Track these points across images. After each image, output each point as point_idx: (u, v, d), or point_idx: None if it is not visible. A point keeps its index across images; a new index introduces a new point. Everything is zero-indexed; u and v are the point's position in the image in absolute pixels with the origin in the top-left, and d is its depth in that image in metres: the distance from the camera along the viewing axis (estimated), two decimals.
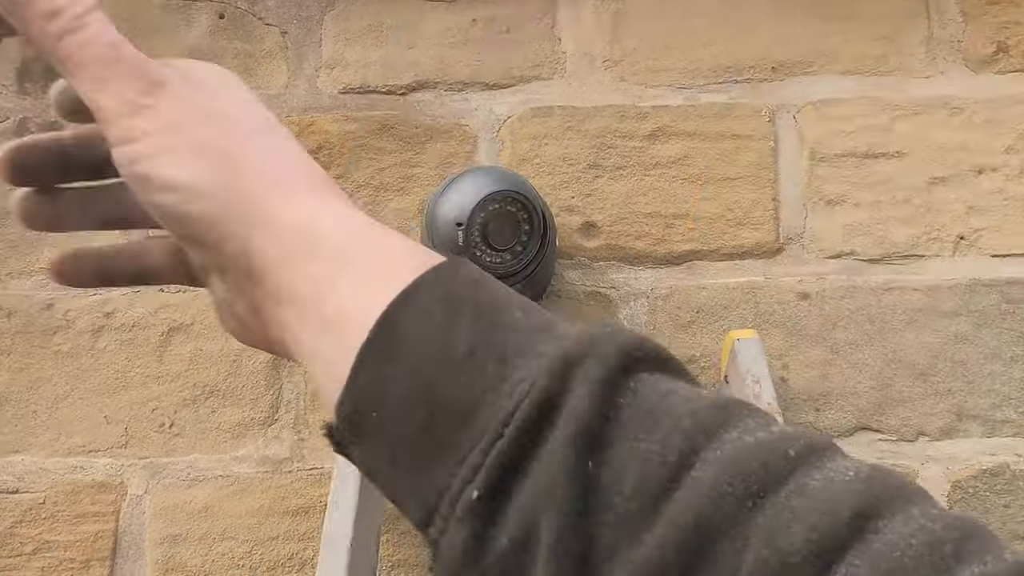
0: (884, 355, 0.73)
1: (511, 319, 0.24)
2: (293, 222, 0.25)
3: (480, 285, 0.25)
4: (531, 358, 0.23)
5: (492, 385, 0.23)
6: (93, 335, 0.75)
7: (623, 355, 0.23)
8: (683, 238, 0.76)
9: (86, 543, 0.71)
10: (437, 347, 0.23)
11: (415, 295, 0.24)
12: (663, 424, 0.22)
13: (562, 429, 0.21)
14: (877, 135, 0.78)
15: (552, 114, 0.79)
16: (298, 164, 0.27)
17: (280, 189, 0.26)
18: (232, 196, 0.26)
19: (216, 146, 0.26)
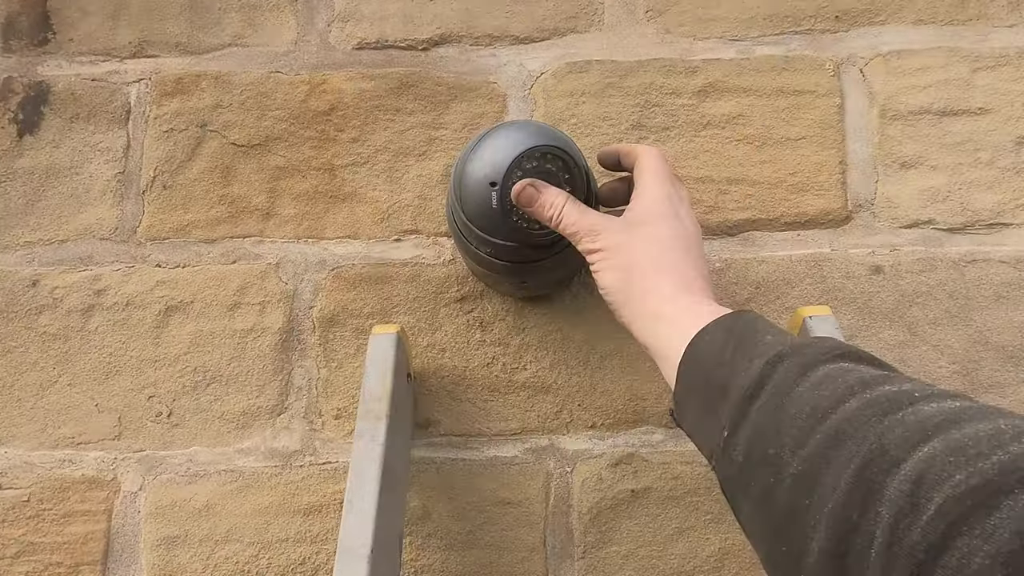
0: (968, 336, 0.64)
1: (760, 339, 0.40)
2: (652, 313, 0.47)
3: (748, 324, 0.42)
4: (762, 358, 0.38)
5: (740, 373, 0.39)
6: (83, 315, 0.68)
7: (820, 353, 0.37)
8: (739, 206, 0.68)
9: (75, 545, 0.64)
10: (715, 356, 0.41)
11: (706, 331, 0.43)
12: (839, 382, 0.34)
13: (767, 393, 0.37)
14: (956, 90, 0.69)
15: (590, 69, 0.71)
16: (673, 276, 0.48)
17: (649, 294, 0.48)
18: (623, 298, 0.49)
19: (623, 267, 0.49)
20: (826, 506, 0.31)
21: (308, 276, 0.68)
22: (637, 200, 0.52)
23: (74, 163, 0.71)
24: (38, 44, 0.74)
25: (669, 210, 0.51)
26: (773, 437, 0.34)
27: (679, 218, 0.51)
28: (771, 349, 0.38)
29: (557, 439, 0.64)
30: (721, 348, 0.41)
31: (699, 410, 0.41)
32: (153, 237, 0.69)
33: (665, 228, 0.50)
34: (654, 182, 0.52)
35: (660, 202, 0.51)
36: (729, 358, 0.40)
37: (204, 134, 0.71)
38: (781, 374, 0.36)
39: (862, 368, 0.35)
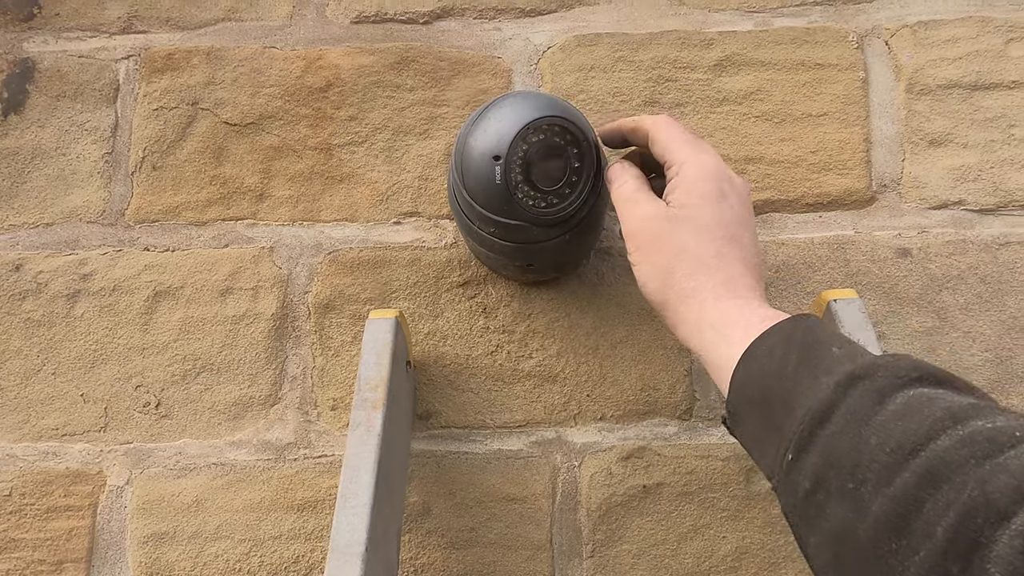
0: (1002, 322, 0.61)
1: (826, 351, 0.36)
2: (695, 318, 0.43)
3: (810, 331, 0.38)
4: (832, 375, 0.34)
5: (805, 390, 0.35)
6: (68, 300, 0.65)
7: (896, 376, 0.33)
8: (757, 186, 0.64)
9: (58, 542, 0.61)
10: (775, 368, 0.37)
11: (764, 338, 0.39)
12: (924, 412, 0.31)
13: (840, 418, 0.33)
14: (988, 62, 0.65)
15: (600, 42, 0.67)
16: (716, 275, 0.44)
17: (690, 298, 0.44)
18: (662, 299, 0.45)
19: (661, 266, 0.45)
20: (918, 553, 0.28)
21: (303, 260, 0.65)
22: (676, 183, 0.47)
23: (60, 143, 0.68)
24: (23, 19, 0.71)
25: (713, 190, 0.46)
26: (850, 470, 0.31)
27: (725, 198, 0.46)
28: (839, 365, 0.35)
29: (564, 431, 0.61)
30: (782, 358, 0.37)
31: (757, 425, 0.38)
32: (142, 220, 0.66)
33: (709, 215, 0.45)
34: (691, 158, 0.47)
35: (703, 182, 0.46)
36: (792, 371, 0.36)
37: (195, 112, 0.68)
38: (856, 399, 0.33)
39: (945, 395, 0.32)
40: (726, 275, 0.43)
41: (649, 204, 0.47)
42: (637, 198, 0.48)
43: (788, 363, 0.36)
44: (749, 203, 0.47)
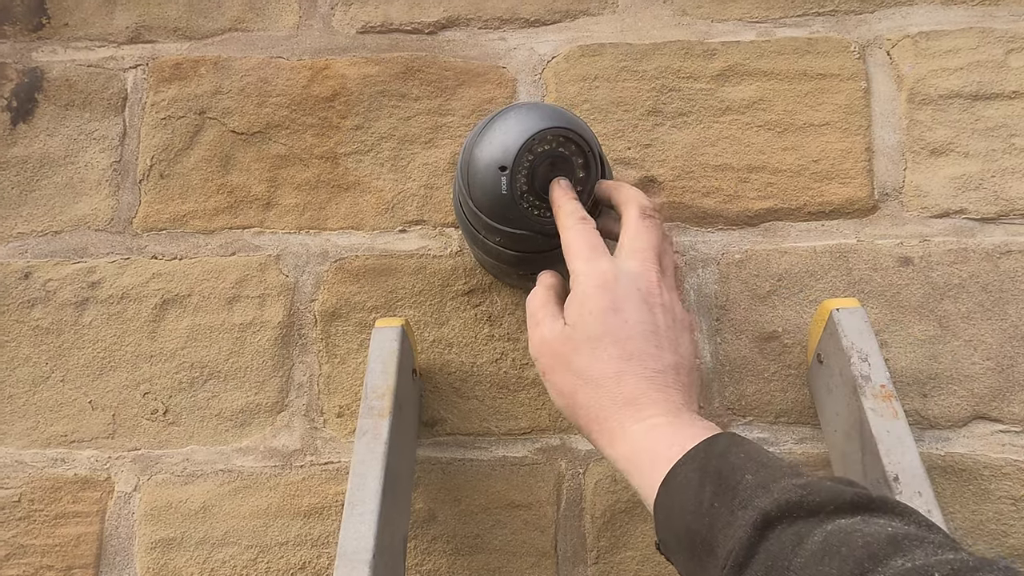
0: (1003, 330, 0.61)
1: (741, 480, 0.36)
2: (606, 446, 0.42)
3: (723, 457, 0.37)
4: (749, 510, 0.34)
5: (723, 528, 0.35)
6: (77, 308, 0.65)
7: (812, 509, 0.33)
8: (760, 194, 0.65)
9: (66, 548, 0.61)
10: (692, 504, 0.36)
11: (678, 469, 0.38)
12: (843, 552, 0.30)
13: (759, 565, 0.33)
14: (989, 72, 0.66)
15: (604, 53, 0.68)
16: (614, 399, 0.42)
17: (593, 423, 0.43)
18: (573, 421, 0.44)
19: (565, 391, 0.44)
20: None
21: (309, 268, 0.65)
22: (570, 298, 0.46)
23: (69, 152, 0.69)
24: (33, 29, 0.72)
25: (605, 304, 0.43)
26: None
27: (617, 312, 0.43)
28: (755, 498, 0.34)
29: (569, 438, 0.62)
30: (697, 493, 0.36)
31: (686, 560, 0.37)
32: (149, 228, 0.67)
33: (600, 331, 0.43)
34: (584, 269, 0.45)
35: (593, 296, 0.44)
36: (707, 507, 0.36)
37: (203, 121, 0.68)
38: (774, 543, 0.32)
39: (862, 525, 0.31)
40: (627, 396, 0.42)
41: (549, 324, 0.46)
42: (539, 316, 0.47)
43: (703, 498, 0.36)
44: (656, 305, 0.44)
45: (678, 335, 0.45)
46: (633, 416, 0.41)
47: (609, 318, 0.43)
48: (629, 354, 0.43)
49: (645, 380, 0.42)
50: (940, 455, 0.59)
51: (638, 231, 0.47)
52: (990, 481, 0.58)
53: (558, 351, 0.44)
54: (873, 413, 0.49)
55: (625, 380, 0.42)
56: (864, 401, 0.50)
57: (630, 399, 0.42)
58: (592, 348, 0.43)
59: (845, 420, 0.53)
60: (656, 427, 0.40)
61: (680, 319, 0.46)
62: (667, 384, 0.42)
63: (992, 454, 0.59)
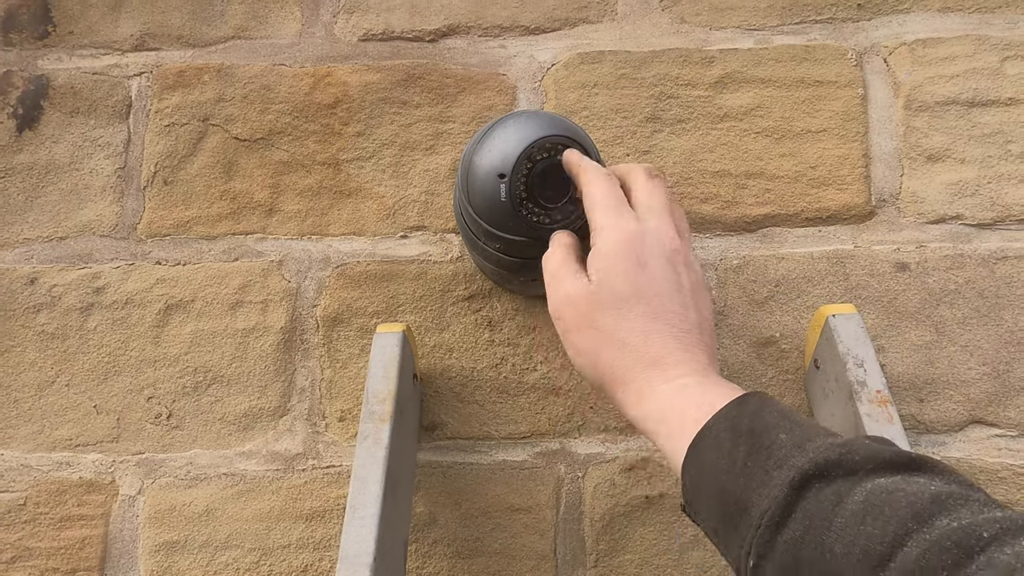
0: (999, 336, 0.61)
1: (775, 439, 0.35)
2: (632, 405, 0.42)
3: (756, 415, 0.36)
4: (785, 469, 0.33)
5: (757, 488, 0.34)
6: (81, 313, 0.66)
7: (850, 468, 0.32)
8: (757, 200, 0.65)
9: (71, 550, 0.62)
10: (725, 463, 0.35)
11: (709, 428, 0.37)
12: (886, 512, 0.30)
13: (797, 523, 0.32)
14: (985, 79, 0.66)
15: (603, 60, 0.69)
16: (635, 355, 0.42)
17: (623, 383, 0.42)
18: (597, 382, 0.44)
19: (588, 349, 0.43)
20: None
21: (312, 274, 0.66)
22: (593, 253, 0.45)
23: (74, 158, 0.69)
24: (38, 37, 0.73)
25: (631, 259, 0.43)
26: None
27: (643, 268, 0.43)
28: (790, 458, 0.33)
29: (568, 443, 0.62)
30: (730, 452, 0.35)
31: (716, 520, 0.36)
32: (153, 234, 0.67)
33: (626, 288, 0.42)
34: (609, 224, 0.44)
35: (619, 252, 0.43)
36: (741, 466, 0.35)
37: (206, 128, 0.69)
38: (813, 501, 0.32)
39: (904, 484, 0.31)
40: (654, 355, 0.41)
41: (571, 281, 0.45)
42: (561, 274, 0.46)
43: (737, 457, 0.35)
44: (680, 264, 0.44)
45: (702, 297, 0.44)
46: (660, 376, 0.40)
47: (637, 275, 0.43)
48: (656, 312, 0.42)
49: (672, 339, 0.41)
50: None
51: (651, 191, 0.46)
52: (986, 485, 0.59)
53: (582, 309, 0.43)
54: (868, 418, 0.50)
55: (652, 339, 0.41)
56: (860, 406, 0.50)
57: (657, 359, 0.41)
58: (619, 306, 0.42)
59: (841, 425, 0.53)
60: (685, 387, 0.39)
61: (702, 281, 0.45)
62: (693, 343, 0.42)
63: (988, 458, 0.59)
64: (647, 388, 0.40)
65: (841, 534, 0.30)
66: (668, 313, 0.42)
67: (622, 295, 0.42)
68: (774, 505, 0.32)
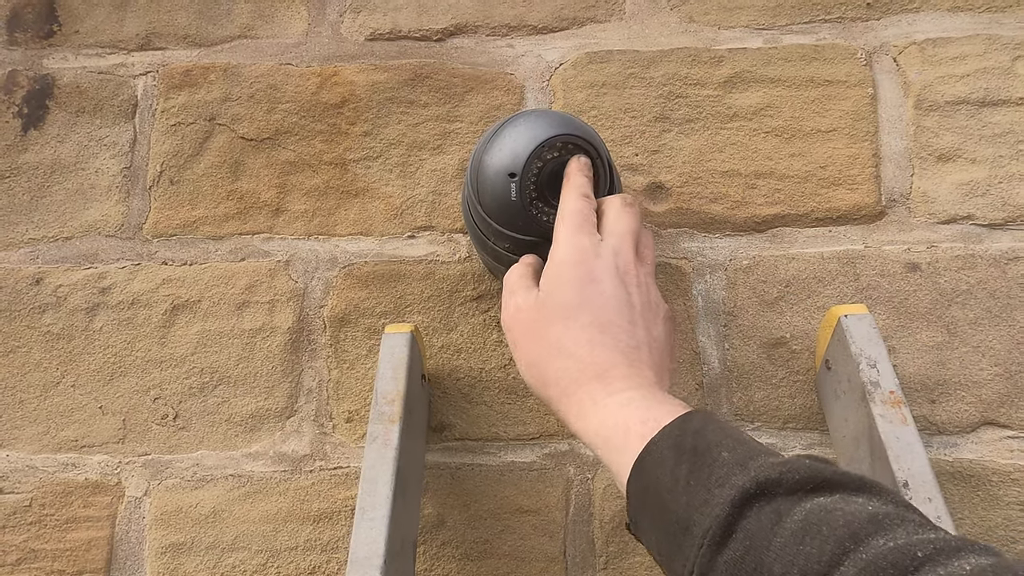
0: (1011, 336, 0.61)
1: (718, 457, 0.35)
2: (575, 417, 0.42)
3: (699, 433, 0.36)
4: (726, 488, 0.33)
5: (699, 506, 0.34)
6: (87, 314, 0.66)
7: (791, 488, 0.32)
8: (767, 200, 0.65)
9: (77, 552, 0.61)
10: (668, 481, 0.35)
11: (653, 445, 0.37)
12: (823, 532, 0.30)
13: (738, 543, 0.32)
14: (996, 79, 0.66)
15: (611, 60, 0.68)
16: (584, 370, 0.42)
17: (568, 395, 0.42)
18: (542, 394, 0.44)
19: (535, 361, 0.44)
20: None
21: (319, 274, 0.65)
22: (547, 266, 0.45)
23: (79, 158, 0.69)
24: (43, 37, 0.72)
25: (581, 273, 0.43)
26: None
27: (595, 282, 0.43)
28: (732, 476, 0.33)
29: (577, 444, 0.62)
30: (673, 470, 0.35)
31: (660, 538, 0.36)
32: (160, 234, 0.67)
33: (574, 300, 0.43)
34: (564, 239, 0.45)
35: (571, 265, 0.44)
36: (683, 484, 0.35)
37: (212, 128, 0.69)
38: (753, 520, 0.32)
39: (842, 503, 0.31)
40: (599, 367, 0.41)
41: (523, 293, 0.46)
42: (515, 287, 0.47)
43: (679, 475, 0.35)
44: (631, 284, 0.44)
45: (653, 318, 0.44)
46: (604, 388, 0.40)
47: (586, 287, 0.43)
48: (603, 325, 0.42)
49: (618, 352, 0.41)
50: (948, 461, 0.59)
51: (619, 215, 0.47)
52: (999, 487, 0.58)
53: (531, 319, 0.44)
54: (882, 419, 0.49)
55: (597, 351, 0.41)
56: (873, 407, 0.50)
57: (602, 371, 0.41)
58: (566, 316, 0.43)
59: (854, 426, 0.53)
60: (630, 401, 0.39)
61: (656, 304, 0.45)
62: (640, 359, 0.42)
63: (1001, 460, 0.59)
64: (589, 401, 0.41)
65: (780, 554, 0.30)
66: (615, 327, 0.42)
67: (569, 304, 0.43)
68: (715, 524, 0.32)
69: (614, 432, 0.39)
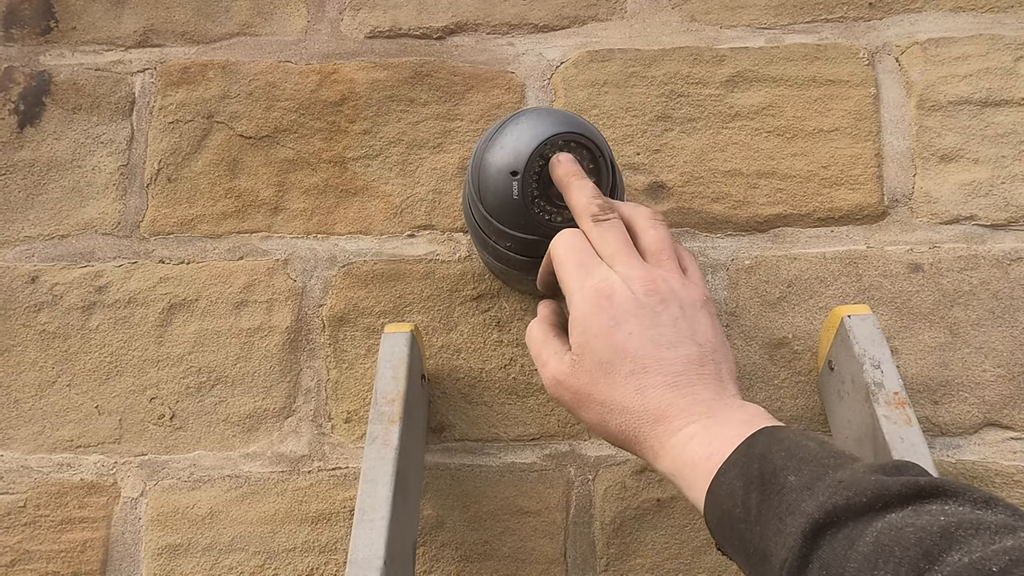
0: (1014, 337, 0.61)
1: (785, 483, 0.35)
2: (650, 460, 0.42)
3: (765, 459, 0.36)
4: (796, 515, 0.34)
5: (773, 536, 0.34)
6: (83, 312, 0.65)
7: (860, 508, 0.32)
8: (769, 200, 0.65)
9: (72, 554, 0.61)
10: (740, 512, 0.36)
11: (721, 477, 0.37)
12: (896, 553, 0.30)
13: (814, 571, 0.32)
14: (998, 79, 0.66)
15: (612, 58, 0.68)
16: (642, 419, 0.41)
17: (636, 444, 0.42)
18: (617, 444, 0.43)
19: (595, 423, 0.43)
20: None
21: (317, 273, 0.65)
22: (571, 322, 0.44)
23: (76, 155, 0.68)
24: (40, 33, 0.72)
25: (603, 322, 0.42)
26: None
27: (618, 326, 0.42)
28: (801, 502, 0.34)
29: (578, 445, 0.61)
30: (743, 501, 0.36)
31: (744, 564, 0.37)
32: (157, 232, 0.66)
33: (608, 353, 0.42)
34: (576, 288, 0.43)
35: (591, 316, 0.42)
36: (755, 515, 0.35)
37: (210, 125, 0.68)
38: (826, 550, 0.32)
39: (915, 516, 0.31)
40: (654, 411, 0.41)
41: (554, 363, 0.45)
42: (544, 358, 0.45)
43: (751, 505, 0.36)
44: (656, 303, 0.42)
45: (692, 322, 0.43)
46: (666, 429, 0.40)
47: (613, 335, 0.42)
48: (644, 367, 0.41)
49: (667, 388, 0.41)
50: (951, 462, 0.59)
51: (601, 238, 0.45)
52: (1002, 488, 0.58)
53: (573, 387, 0.43)
54: (887, 420, 0.49)
55: (648, 395, 0.41)
56: (877, 408, 0.49)
57: (658, 414, 0.41)
58: (606, 373, 0.42)
59: (857, 427, 0.53)
60: (692, 438, 0.39)
61: (691, 303, 0.43)
62: (691, 383, 0.41)
63: (1003, 461, 0.59)
64: (658, 445, 0.41)
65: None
66: (656, 361, 0.41)
67: (604, 360, 0.42)
68: (791, 556, 0.33)
69: (685, 471, 0.39)
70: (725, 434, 0.38)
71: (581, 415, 0.44)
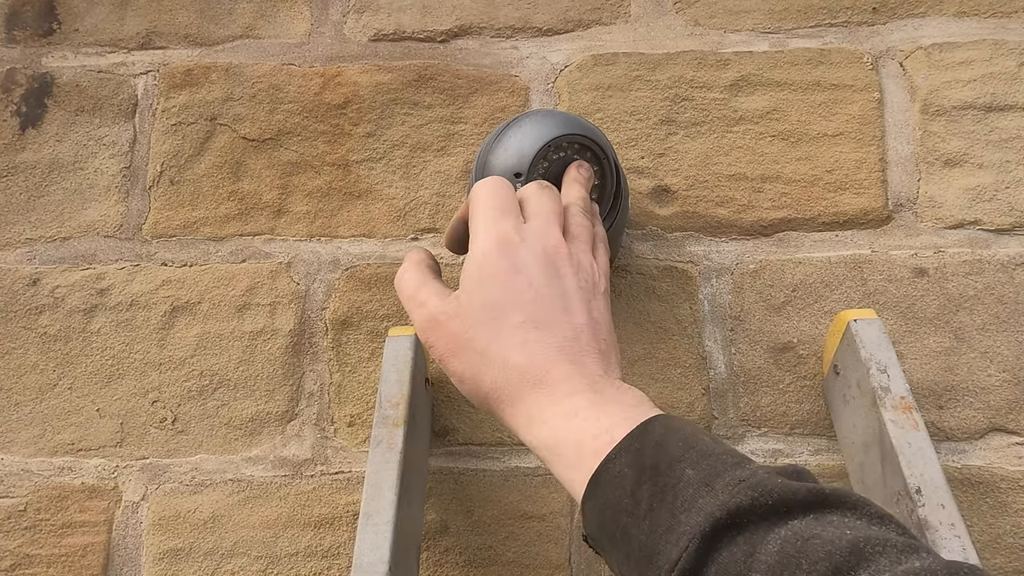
0: (1019, 342, 0.61)
1: (682, 476, 0.32)
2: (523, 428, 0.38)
3: (660, 447, 0.33)
4: (693, 513, 0.30)
5: (664, 533, 0.31)
6: (85, 315, 0.65)
7: (763, 513, 0.30)
8: (773, 204, 0.64)
9: (73, 558, 0.60)
10: (627, 503, 0.33)
11: (609, 462, 0.34)
12: (804, 567, 0.28)
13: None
14: (1002, 84, 0.66)
15: (617, 62, 0.68)
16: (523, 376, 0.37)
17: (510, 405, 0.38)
18: (484, 405, 0.39)
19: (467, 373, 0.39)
20: None
21: (321, 276, 0.65)
22: (465, 262, 0.40)
23: (78, 157, 0.68)
24: (43, 35, 0.72)
25: (504, 265, 0.39)
26: None
27: (519, 272, 0.39)
28: (699, 499, 0.31)
29: None
30: (633, 492, 0.32)
31: (621, 561, 0.33)
32: (159, 234, 0.66)
33: (499, 295, 0.38)
34: (483, 229, 0.40)
35: (492, 256, 0.39)
36: (645, 508, 0.32)
37: (213, 128, 0.68)
38: (725, 555, 0.29)
39: (819, 527, 0.28)
40: (538, 371, 0.37)
41: (435, 301, 0.40)
42: (422, 297, 0.41)
43: (640, 499, 0.32)
44: (564, 265, 0.40)
45: (592, 298, 0.40)
46: (549, 396, 0.36)
47: (511, 280, 0.38)
48: (536, 322, 0.38)
49: (556, 349, 0.37)
50: (956, 467, 0.58)
51: (538, 198, 0.43)
52: (1007, 494, 0.58)
53: (453, 330, 0.39)
54: (893, 425, 0.49)
55: (534, 351, 0.37)
56: (884, 413, 0.49)
57: (542, 375, 0.37)
58: (493, 317, 0.38)
59: (863, 432, 0.52)
60: (577, 411, 0.36)
61: (594, 284, 0.41)
62: (582, 352, 0.38)
63: (1009, 467, 0.59)
64: (536, 411, 0.37)
65: None
66: (550, 321, 0.38)
67: (495, 304, 0.38)
68: (684, 557, 0.30)
69: (565, 448, 0.35)
70: (615, 415, 0.35)
71: (452, 365, 0.39)
